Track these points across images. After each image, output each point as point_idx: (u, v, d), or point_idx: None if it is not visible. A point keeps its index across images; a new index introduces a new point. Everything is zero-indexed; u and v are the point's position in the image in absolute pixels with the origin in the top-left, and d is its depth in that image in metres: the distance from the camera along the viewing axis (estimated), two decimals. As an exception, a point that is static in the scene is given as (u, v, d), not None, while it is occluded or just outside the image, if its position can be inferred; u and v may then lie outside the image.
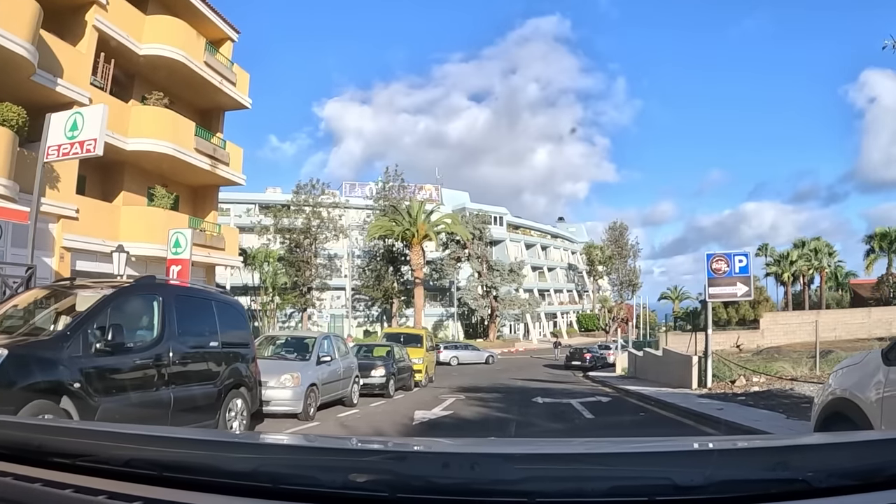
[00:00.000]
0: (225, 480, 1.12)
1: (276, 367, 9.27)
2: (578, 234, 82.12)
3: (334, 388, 10.61)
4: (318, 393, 9.64)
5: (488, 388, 17.12)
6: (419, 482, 1.04)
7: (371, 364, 13.86)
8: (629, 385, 16.85)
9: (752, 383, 13.77)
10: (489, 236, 53.29)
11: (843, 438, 1.54)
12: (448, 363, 32.76)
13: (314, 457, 1.27)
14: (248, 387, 7.00)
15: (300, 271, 45.68)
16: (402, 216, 42.64)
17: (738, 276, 13.93)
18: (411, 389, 16.09)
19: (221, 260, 21.71)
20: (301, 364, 9.77)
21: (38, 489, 1.14)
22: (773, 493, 1.00)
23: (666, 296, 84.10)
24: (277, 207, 47.56)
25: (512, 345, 52.74)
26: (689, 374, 14.35)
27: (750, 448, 1.28)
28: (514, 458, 1.18)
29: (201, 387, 6.18)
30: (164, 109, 19.39)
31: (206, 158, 20.83)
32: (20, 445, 1.30)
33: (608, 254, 72.19)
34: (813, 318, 41.04)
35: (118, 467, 1.19)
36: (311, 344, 10.55)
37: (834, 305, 53.60)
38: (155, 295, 5.90)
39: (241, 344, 7.10)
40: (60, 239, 16.07)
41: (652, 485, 1.03)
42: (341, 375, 10.95)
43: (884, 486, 1.01)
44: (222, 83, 21.88)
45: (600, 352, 34.31)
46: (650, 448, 1.41)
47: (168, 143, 18.93)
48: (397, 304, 48.56)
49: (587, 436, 8.86)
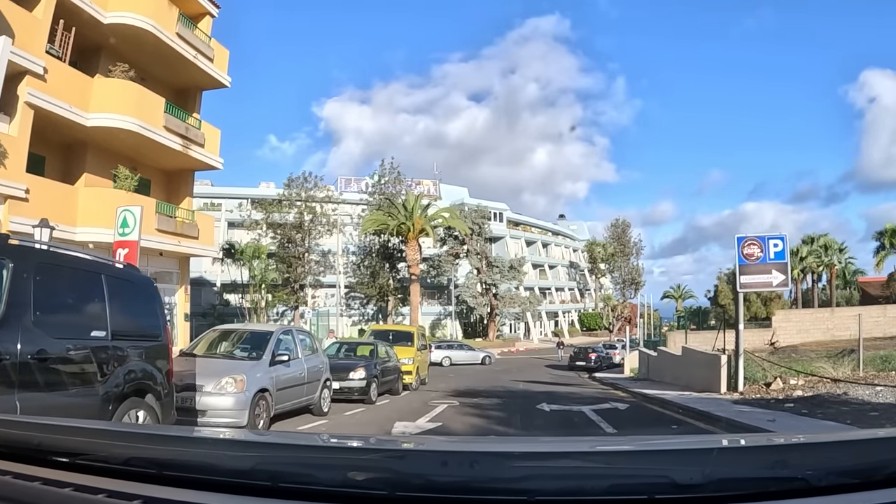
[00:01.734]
0: (224, 479, 1.12)
1: (216, 367, 7.48)
2: (579, 231, 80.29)
3: (295, 393, 8.69)
4: (270, 401, 7.75)
5: (486, 391, 15.26)
6: (418, 480, 1.04)
7: (349, 365, 11.99)
8: (644, 388, 15.00)
9: (790, 386, 11.93)
10: (488, 231, 51.29)
11: (841, 437, 1.37)
12: (440, 363, 29.99)
13: (314, 455, 1.29)
14: (157, 394, 5.09)
15: (291, 267, 43.79)
16: (398, 210, 40.73)
17: (774, 262, 12.05)
18: (398, 394, 14.18)
19: (195, 250, 19.86)
20: (249, 364, 7.85)
21: (38, 487, 1.14)
22: (773, 491, 1.00)
23: (669, 295, 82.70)
24: (268, 202, 45.68)
25: (512, 344, 50.81)
26: (717, 376, 12.49)
27: (749, 446, 1.33)
28: (513, 456, 1.20)
29: (73, 394, 4.36)
30: (130, 83, 17.59)
31: (178, 138, 19.01)
32: (20, 444, 1.30)
33: (611, 251, 70.41)
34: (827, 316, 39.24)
35: (118, 466, 1.19)
36: (268, 340, 8.57)
37: (843, 304, 51.92)
38: (2, 260, 4.06)
39: (145, 336, 5.27)
40: (7, 221, 14.27)
41: (651, 483, 1.02)
42: (305, 379, 9.01)
43: (882, 485, 1.01)
44: (197, 58, 20.04)
45: (606, 351, 32.50)
46: (649, 446, 1.44)
47: (133, 119, 17.13)
48: (393, 301, 46.64)
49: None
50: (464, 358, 32.83)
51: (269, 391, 7.67)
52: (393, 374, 13.90)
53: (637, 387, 15.61)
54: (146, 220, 17.45)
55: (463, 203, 51.27)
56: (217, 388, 6.99)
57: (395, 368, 14.10)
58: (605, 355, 31.56)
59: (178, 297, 20.60)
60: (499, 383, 18.51)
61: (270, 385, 7.76)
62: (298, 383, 8.80)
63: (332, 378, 10.37)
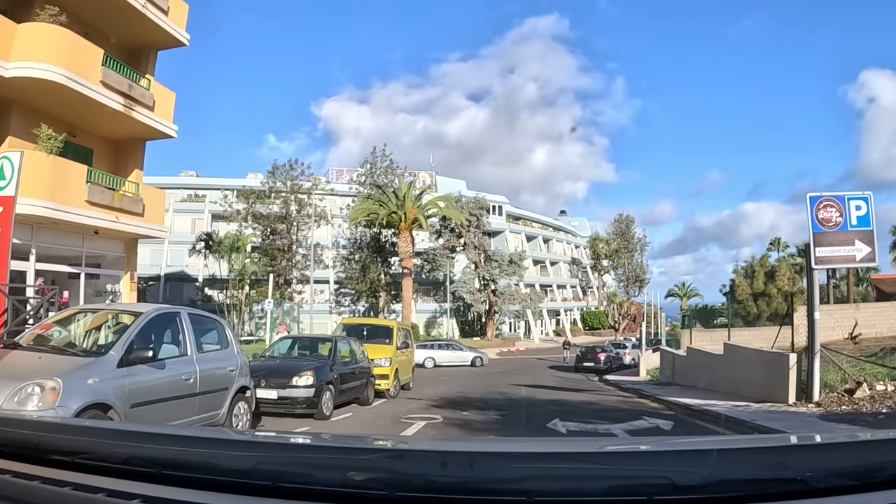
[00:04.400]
0: (224, 478, 1.11)
1: (28, 366, 4.67)
2: (581, 227, 77.43)
3: (176, 409, 5.77)
4: (116, 421, 4.79)
5: (480, 400, 12.33)
6: (418, 480, 1.04)
7: (292, 368, 9.04)
8: (677, 396, 12.11)
9: (880, 394, 9.07)
10: (487, 224, 48.28)
11: (841, 438, 1.41)
12: (422, 365, 25.75)
13: (313, 455, 1.29)
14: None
15: (275, 261, 40.88)
16: (389, 198, 37.74)
17: (857, 230, 9.16)
18: (368, 403, 11.18)
19: (139, 228, 16.94)
20: (80, 364, 4.96)
21: (37, 486, 1.14)
22: (772, 492, 1.00)
23: (673, 293, 79.95)
24: (250, 191, 42.75)
25: (512, 344, 47.81)
26: (781, 382, 9.62)
27: (749, 448, 1.28)
28: (512, 456, 1.19)
29: None
30: (59, 28, 14.73)
31: (118, 96, 16.14)
32: (19, 443, 1.29)
33: (614, 247, 67.65)
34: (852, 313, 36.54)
35: (117, 465, 1.19)
36: (128, 327, 5.52)
37: (858, 301, 49.50)
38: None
39: None
40: None
41: (651, 484, 1.02)
42: (197, 387, 6.08)
43: (882, 487, 1.00)
44: (146, 7, 17.14)
45: (616, 351, 29.59)
46: (649, 447, 1.46)
47: (60, 70, 14.28)
48: (385, 297, 43.72)
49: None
50: (450, 359, 28.79)
51: (114, 407, 4.76)
52: (360, 378, 10.90)
53: (667, 393, 12.72)
54: (73, 190, 14.63)
55: (460, 194, 48.22)
56: (14, 399, 4.20)
57: (363, 372, 11.13)
58: (616, 355, 28.71)
59: (122, 285, 17.70)
60: (496, 389, 15.59)
61: (116, 397, 4.84)
62: (182, 394, 5.82)
63: (270, 385, 7.52)
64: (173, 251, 47.68)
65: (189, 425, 5.53)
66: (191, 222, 49.96)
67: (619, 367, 27.79)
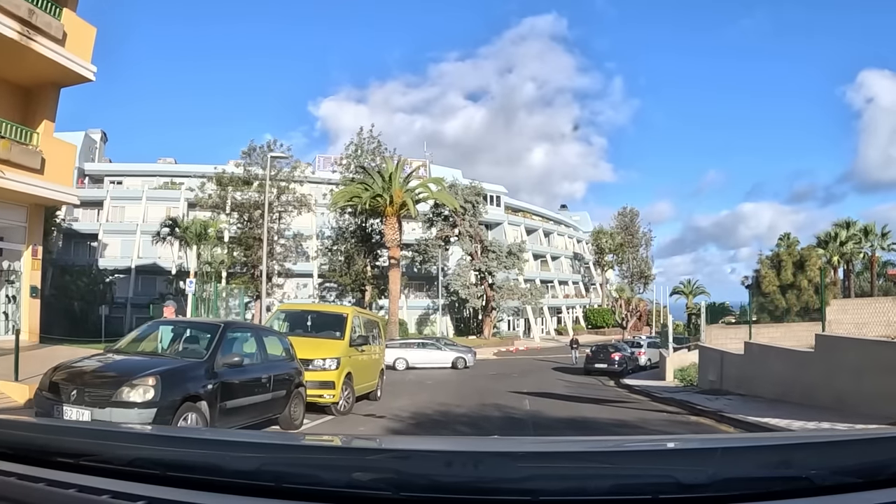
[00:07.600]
0: (229, 479, 1.11)
1: None
2: (583, 222, 73.86)
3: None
4: None
5: (468, 418, 8.66)
6: (423, 481, 1.03)
7: (123, 369, 5.33)
8: (755, 414, 8.38)
9: None
10: (483, 212, 44.51)
11: (845, 436, 1.33)
12: (392, 367, 21.66)
13: (318, 456, 1.28)
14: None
15: (251, 251, 37.06)
16: (374, 179, 33.93)
17: None
18: (294, 427, 7.56)
19: (36, 189, 13.22)
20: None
21: (42, 489, 1.13)
22: (777, 490, 0.99)
23: (679, 290, 76.48)
24: (225, 175, 38.94)
25: (511, 343, 44.05)
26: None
27: (753, 446, 1.29)
28: (517, 456, 1.19)
29: None
30: None
31: (13, 21, 12.49)
32: (23, 445, 1.28)
33: (619, 241, 63.99)
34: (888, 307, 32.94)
35: (122, 467, 1.18)
36: None
37: (880, 296, 46.29)
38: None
39: None
40: None
41: (655, 483, 1.01)
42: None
43: (887, 484, 1.00)
44: None
45: (631, 350, 25.89)
46: (654, 446, 1.47)
47: None
48: (371, 291, 39.95)
49: None
50: (427, 359, 24.49)
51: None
52: (275, 389, 7.14)
53: (735, 409, 9.01)
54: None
55: (455, 179, 44.41)
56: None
57: (282, 379, 7.36)
58: (632, 356, 25.02)
59: (23, 261, 14.00)
60: (491, 399, 11.88)
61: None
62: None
63: (82, 399, 4.01)
64: (145, 242, 44.29)
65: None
66: (165, 211, 46.40)
67: (634, 369, 24.13)
